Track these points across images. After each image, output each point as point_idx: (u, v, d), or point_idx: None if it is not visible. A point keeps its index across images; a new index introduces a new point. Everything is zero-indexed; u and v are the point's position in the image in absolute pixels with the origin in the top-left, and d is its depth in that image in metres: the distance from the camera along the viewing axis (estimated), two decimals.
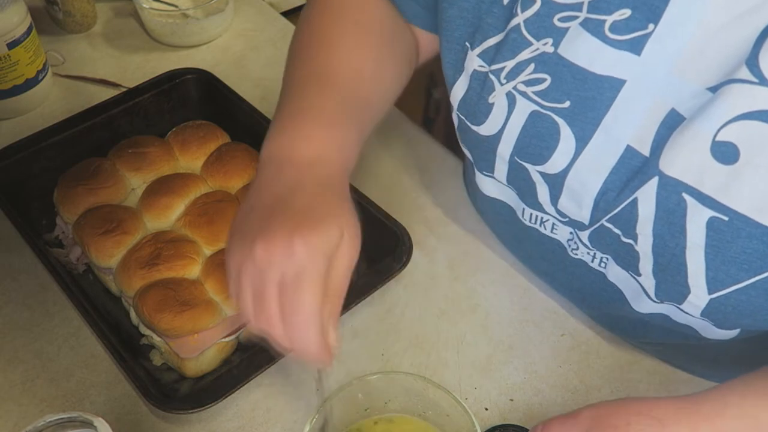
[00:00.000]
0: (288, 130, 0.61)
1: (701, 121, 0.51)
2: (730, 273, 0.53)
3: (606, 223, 0.60)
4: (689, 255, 0.54)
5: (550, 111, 0.59)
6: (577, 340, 0.74)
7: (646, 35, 0.54)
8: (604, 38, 0.55)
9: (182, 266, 0.73)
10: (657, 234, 0.56)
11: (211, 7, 1.11)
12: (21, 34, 0.94)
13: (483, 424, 0.67)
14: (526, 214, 0.69)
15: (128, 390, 0.70)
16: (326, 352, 0.54)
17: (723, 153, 0.51)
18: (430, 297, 0.78)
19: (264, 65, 1.07)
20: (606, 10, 0.55)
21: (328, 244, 0.53)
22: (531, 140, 0.61)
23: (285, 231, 0.52)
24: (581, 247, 0.66)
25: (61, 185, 0.81)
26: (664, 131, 0.54)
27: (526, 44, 0.59)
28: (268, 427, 0.68)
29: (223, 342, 0.71)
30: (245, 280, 0.53)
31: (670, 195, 0.54)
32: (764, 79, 0.48)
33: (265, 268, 0.52)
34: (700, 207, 0.52)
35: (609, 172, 0.58)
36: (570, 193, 0.61)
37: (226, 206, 0.78)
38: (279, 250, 0.52)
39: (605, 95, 0.56)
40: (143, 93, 0.91)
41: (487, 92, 0.62)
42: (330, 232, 0.53)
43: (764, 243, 0.51)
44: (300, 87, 0.64)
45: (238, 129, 0.89)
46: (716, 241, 0.53)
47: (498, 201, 0.72)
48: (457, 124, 0.68)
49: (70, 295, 0.71)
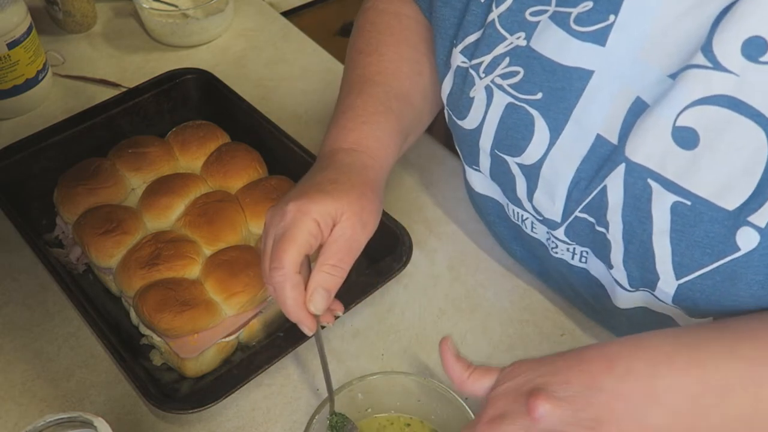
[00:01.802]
0: (332, 127, 0.69)
1: (662, 108, 0.52)
2: (695, 257, 0.54)
3: (580, 214, 0.61)
4: (656, 240, 0.55)
5: (524, 103, 0.61)
6: (577, 340, 0.74)
7: (608, 26, 0.55)
8: (569, 30, 0.57)
9: (182, 266, 0.73)
10: (626, 221, 0.57)
11: (211, 7, 1.11)
12: (21, 34, 0.94)
13: None
14: (510, 210, 0.71)
15: (128, 390, 0.70)
16: (303, 313, 0.60)
17: (683, 138, 0.52)
18: (430, 297, 0.78)
19: (264, 65, 1.07)
20: (572, 2, 0.57)
21: (320, 213, 0.59)
22: (508, 132, 0.63)
23: (286, 198, 0.61)
24: (560, 245, 0.67)
25: (61, 185, 0.81)
26: (630, 119, 0.55)
27: (501, 39, 0.61)
28: (268, 427, 0.68)
29: (223, 342, 0.71)
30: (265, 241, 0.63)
31: (636, 181, 0.55)
32: (719, 65, 0.49)
33: (267, 229, 0.62)
34: (664, 192, 0.53)
35: (581, 161, 0.59)
36: (545, 185, 0.62)
37: (226, 206, 0.78)
38: (278, 211, 0.61)
39: (574, 86, 0.58)
40: (143, 93, 0.91)
41: (468, 87, 0.65)
42: (326, 203, 0.59)
43: (725, 227, 0.51)
44: (345, 91, 0.73)
45: (238, 129, 0.89)
46: (680, 225, 0.53)
47: (488, 198, 0.73)
48: (447, 119, 0.71)
49: (70, 295, 0.71)
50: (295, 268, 0.59)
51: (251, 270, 0.72)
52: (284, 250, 0.58)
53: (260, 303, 0.72)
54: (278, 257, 0.59)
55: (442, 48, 0.68)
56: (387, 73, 0.73)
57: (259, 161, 0.85)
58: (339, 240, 0.60)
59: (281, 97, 1.02)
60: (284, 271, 0.58)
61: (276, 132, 0.86)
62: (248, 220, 0.78)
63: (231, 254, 0.74)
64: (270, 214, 0.62)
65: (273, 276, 0.59)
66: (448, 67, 0.67)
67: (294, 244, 0.58)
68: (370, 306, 0.76)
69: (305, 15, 1.34)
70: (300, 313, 0.60)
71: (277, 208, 0.62)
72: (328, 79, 1.05)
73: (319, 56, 1.09)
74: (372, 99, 0.70)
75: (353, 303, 0.72)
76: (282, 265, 0.58)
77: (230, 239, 0.76)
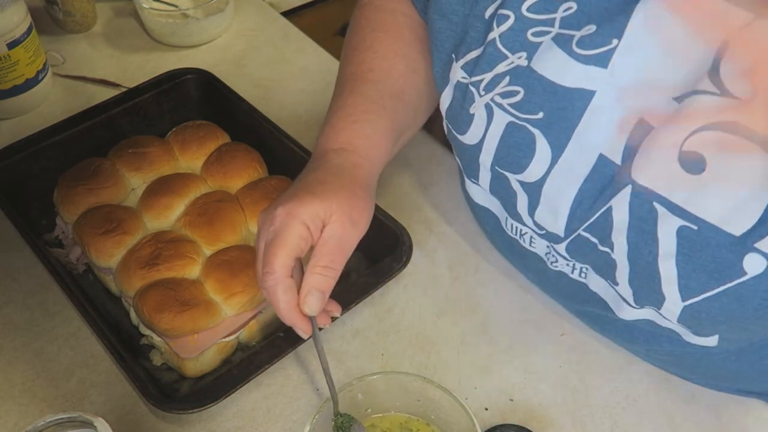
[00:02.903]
0: (324, 127, 0.70)
1: (669, 131, 0.52)
2: (701, 281, 0.53)
3: (583, 233, 0.61)
4: (661, 263, 0.55)
5: (525, 122, 0.60)
6: (577, 340, 0.74)
7: (611, 50, 0.55)
8: (571, 53, 0.56)
9: (182, 266, 0.73)
10: (631, 242, 0.57)
11: (211, 7, 1.11)
12: (21, 34, 0.94)
13: (483, 424, 0.67)
14: (508, 224, 0.70)
15: (128, 390, 0.70)
16: (296, 316, 0.60)
17: (690, 163, 0.51)
18: (430, 297, 0.78)
19: (264, 65, 1.07)
20: (576, 25, 0.57)
21: (309, 215, 0.59)
22: (509, 150, 0.62)
23: (276, 202, 0.62)
24: (560, 260, 0.67)
25: (61, 185, 0.81)
26: (633, 140, 0.55)
27: (502, 57, 0.61)
28: (268, 427, 0.68)
29: (223, 342, 0.71)
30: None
31: (642, 204, 0.55)
32: (726, 91, 0.49)
33: (259, 233, 0.62)
34: (670, 216, 0.53)
35: (583, 181, 0.59)
36: (547, 202, 0.62)
37: (226, 206, 0.78)
38: (267, 217, 0.61)
39: (576, 105, 0.57)
40: (143, 93, 0.91)
41: (468, 103, 0.64)
42: (314, 205, 0.60)
43: (732, 252, 0.51)
44: (339, 89, 0.73)
45: (238, 129, 0.89)
46: (687, 249, 0.53)
47: (486, 209, 0.73)
48: (446, 131, 0.70)
49: (70, 295, 0.71)
50: (286, 271, 0.59)
51: (251, 270, 0.72)
52: (274, 255, 0.59)
53: (260, 303, 0.72)
54: (269, 262, 0.59)
55: (439, 60, 0.67)
56: (380, 70, 0.72)
57: (259, 161, 0.85)
58: (329, 241, 0.60)
59: (281, 97, 1.02)
60: (275, 275, 0.59)
61: (276, 132, 0.86)
62: (248, 220, 0.78)
63: (231, 254, 0.74)
64: (261, 218, 0.63)
65: (265, 280, 0.59)
66: (446, 80, 0.66)
67: (284, 248, 0.59)
68: (370, 306, 0.76)
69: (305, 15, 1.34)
70: (293, 316, 0.60)
71: (268, 212, 0.62)
72: (328, 79, 1.05)
73: (319, 56, 1.09)
74: (363, 97, 0.70)
75: (353, 303, 0.72)
76: (273, 270, 0.59)
77: (230, 239, 0.76)
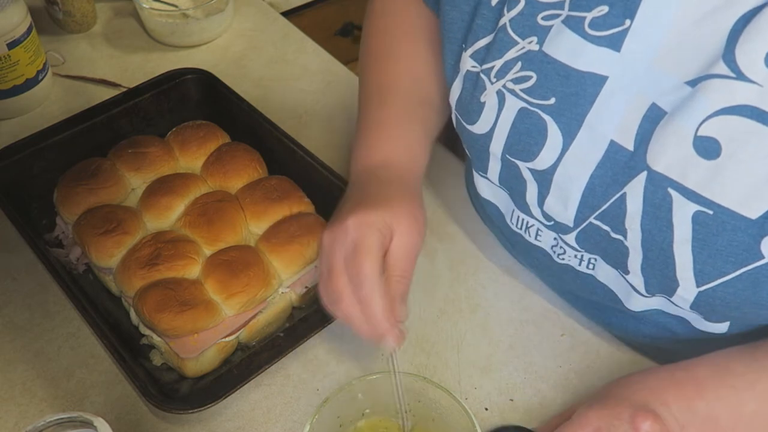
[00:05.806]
0: (360, 145, 0.72)
1: (683, 117, 0.52)
2: (717, 266, 0.53)
3: (594, 221, 0.61)
4: (677, 249, 0.55)
5: (537, 108, 0.60)
6: (577, 340, 0.74)
7: (623, 31, 0.54)
8: (584, 35, 0.56)
9: (182, 266, 0.73)
10: (645, 229, 0.56)
11: (211, 7, 1.11)
12: (21, 34, 0.94)
13: (483, 424, 0.67)
14: (514, 218, 0.70)
15: (128, 390, 0.70)
16: (391, 322, 0.59)
17: (705, 148, 0.51)
18: (430, 297, 0.78)
19: (264, 65, 1.07)
20: (586, 6, 0.56)
21: (379, 223, 0.60)
22: (520, 137, 0.62)
23: (343, 216, 0.62)
24: (568, 251, 0.67)
25: (61, 185, 0.81)
26: (646, 126, 0.55)
27: (512, 43, 0.61)
28: (268, 427, 0.68)
29: (223, 342, 0.71)
30: (321, 267, 0.63)
31: (656, 190, 0.54)
32: (741, 74, 0.49)
33: (330, 249, 0.62)
34: (685, 201, 0.53)
35: (595, 167, 0.58)
36: (557, 191, 0.62)
37: (226, 206, 0.78)
38: (338, 230, 0.61)
39: (588, 91, 0.57)
40: (143, 93, 0.91)
41: (479, 91, 0.64)
42: (379, 212, 0.61)
43: (749, 235, 0.51)
44: (366, 103, 0.74)
45: (238, 129, 0.89)
46: (703, 234, 0.53)
47: (491, 204, 0.73)
48: (455, 123, 0.70)
49: (70, 295, 0.71)
50: (379, 276, 0.59)
51: (251, 270, 0.72)
52: (362, 263, 0.58)
53: (260, 303, 0.72)
54: (359, 272, 0.58)
55: (450, 52, 0.67)
56: (406, 77, 0.73)
57: (259, 161, 0.85)
58: (399, 250, 0.61)
59: (281, 97, 1.02)
60: (370, 281, 0.58)
61: (276, 132, 0.86)
62: (248, 220, 0.78)
63: (231, 254, 0.74)
64: (329, 235, 0.62)
65: (360, 291, 0.58)
66: (456, 71, 0.66)
67: (370, 254, 0.59)
68: None
69: (305, 15, 1.34)
70: (388, 323, 0.59)
71: (335, 227, 0.62)
72: (328, 79, 1.05)
73: (319, 56, 1.09)
74: (395, 109, 0.71)
75: None
76: (365, 277, 0.58)
77: (230, 239, 0.76)
